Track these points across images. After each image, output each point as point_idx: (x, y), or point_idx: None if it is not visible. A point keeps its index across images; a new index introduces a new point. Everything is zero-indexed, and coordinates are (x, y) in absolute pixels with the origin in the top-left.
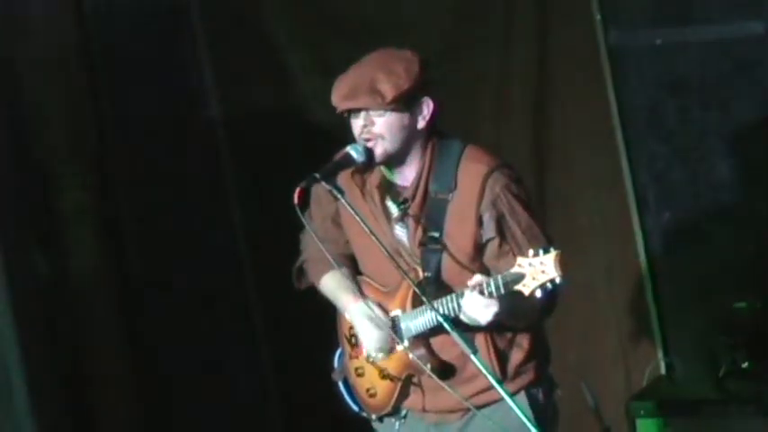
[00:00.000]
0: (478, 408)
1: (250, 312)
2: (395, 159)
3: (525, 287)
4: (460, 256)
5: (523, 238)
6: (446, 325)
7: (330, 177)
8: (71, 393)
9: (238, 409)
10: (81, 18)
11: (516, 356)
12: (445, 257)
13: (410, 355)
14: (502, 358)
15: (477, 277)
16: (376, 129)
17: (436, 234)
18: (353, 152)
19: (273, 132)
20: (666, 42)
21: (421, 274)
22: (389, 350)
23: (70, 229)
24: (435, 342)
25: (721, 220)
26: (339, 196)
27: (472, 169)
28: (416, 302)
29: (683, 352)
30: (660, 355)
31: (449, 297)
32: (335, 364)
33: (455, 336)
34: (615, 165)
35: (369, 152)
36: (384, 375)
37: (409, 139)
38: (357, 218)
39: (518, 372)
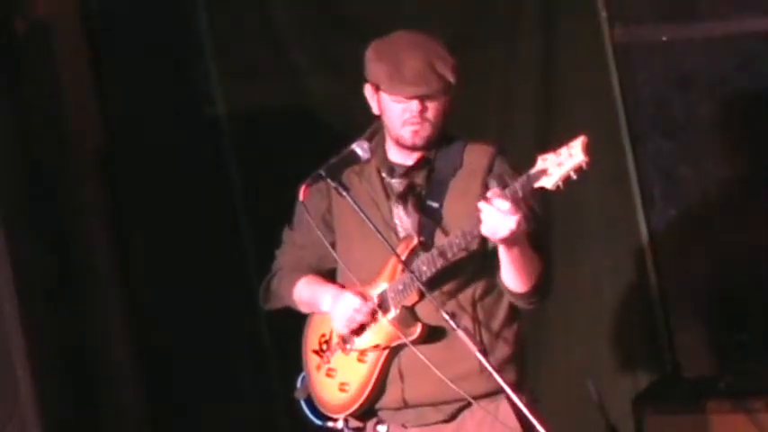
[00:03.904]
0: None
1: (256, 312)
2: (429, 141)
3: (550, 178)
4: (456, 229)
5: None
6: (450, 322)
7: (335, 174)
8: (76, 391)
9: (243, 408)
10: (84, 16)
11: (502, 350)
12: (441, 229)
13: (390, 320)
14: (488, 349)
15: (496, 189)
16: (428, 114)
17: (436, 204)
18: (359, 149)
19: (277, 129)
20: (672, 39)
21: (416, 240)
22: (362, 328)
23: (74, 225)
24: (421, 310)
25: (727, 216)
26: (344, 193)
27: (480, 149)
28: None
29: (690, 349)
30: (666, 352)
31: (458, 233)
32: (298, 384)
33: (456, 328)
34: (621, 161)
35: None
36: (363, 359)
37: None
38: (360, 212)
39: (502, 367)
